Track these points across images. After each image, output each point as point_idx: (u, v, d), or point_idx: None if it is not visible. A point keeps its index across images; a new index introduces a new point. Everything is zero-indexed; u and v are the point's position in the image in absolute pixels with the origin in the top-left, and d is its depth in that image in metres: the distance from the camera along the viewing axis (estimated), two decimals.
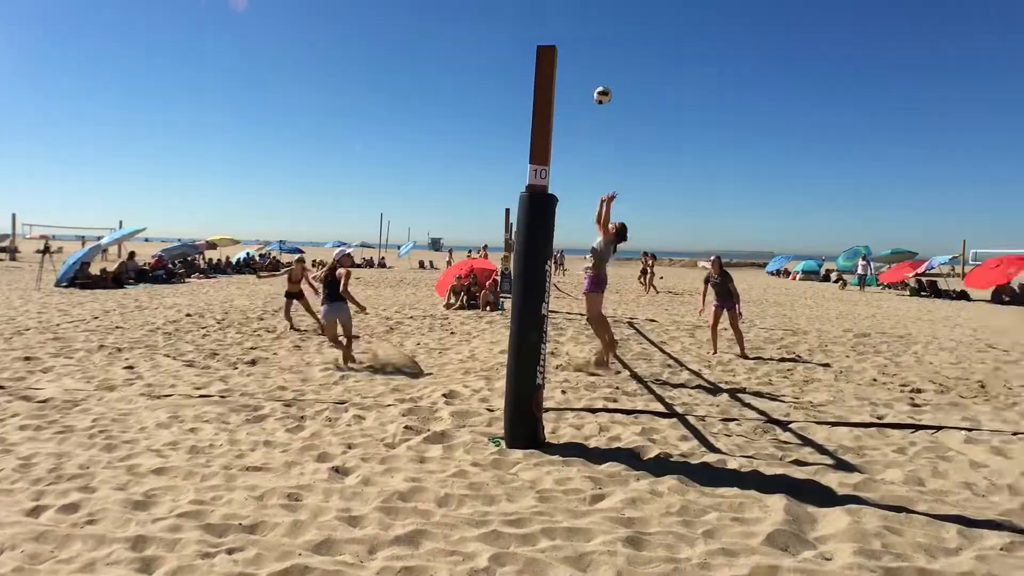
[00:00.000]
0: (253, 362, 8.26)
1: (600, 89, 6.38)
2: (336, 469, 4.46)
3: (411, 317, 13.67)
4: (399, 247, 54.02)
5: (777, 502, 4.06)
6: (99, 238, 29.66)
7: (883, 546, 3.53)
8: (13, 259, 34.83)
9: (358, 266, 39.66)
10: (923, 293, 26.37)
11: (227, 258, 32.51)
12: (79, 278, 18.76)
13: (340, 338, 8.32)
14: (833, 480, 4.53)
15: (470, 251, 24.65)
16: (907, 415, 6.48)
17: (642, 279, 25.15)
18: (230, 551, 3.29)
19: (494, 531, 3.59)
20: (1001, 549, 3.56)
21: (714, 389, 7.50)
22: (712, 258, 10.43)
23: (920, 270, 28.43)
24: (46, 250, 22.54)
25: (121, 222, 38.66)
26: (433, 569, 3.19)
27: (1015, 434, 5.88)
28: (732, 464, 4.82)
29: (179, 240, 33.15)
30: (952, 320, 16.77)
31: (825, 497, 4.23)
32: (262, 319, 12.53)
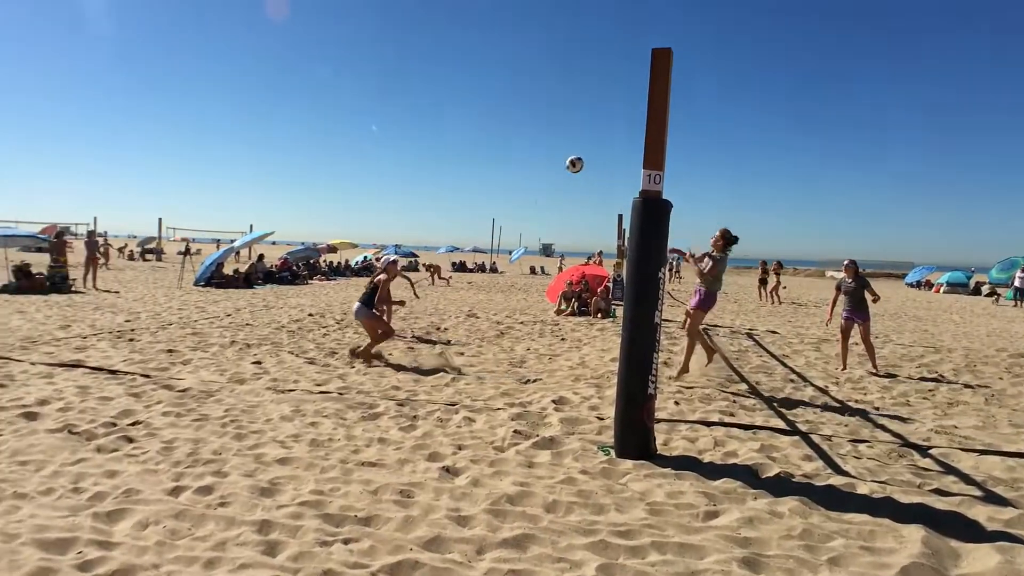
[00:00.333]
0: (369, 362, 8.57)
1: (571, 160, 6.45)
2: (447, 469, 4.52)
3: (521, 322, 13.76)
4: (510, 252, 54.69)
5: (914, 533, 3.71)
6: (232, 241, 31.95)
7: None
8: (159, 260, 38.33)
9: (471, 271, 40.60)
10: None
11: (346, 261, 34.17)
12: (214, 278, 20.32)
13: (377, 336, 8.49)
14: (981, 513, 4.08)
15: (589, 258, 24.56)
16: None
17: (761, 288, 24.11)
18: (346, 541, 3.40)
19: (602, 541, 3.50)
20: None
21: (842, 407, 7.02)
22: (846, 262, 9.54)
23: None
24: (187, 252, 24.63)
25: (252, 226, 41.39)
26: (540, 574, 3.15)
27: None
28: (862, 489, 4.46)
29: (302, 244, 35.16)
30: None
31: (971, 531, 3.82)
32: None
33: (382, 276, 8.84)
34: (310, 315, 13.48)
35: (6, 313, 11.86)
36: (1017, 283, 26.38)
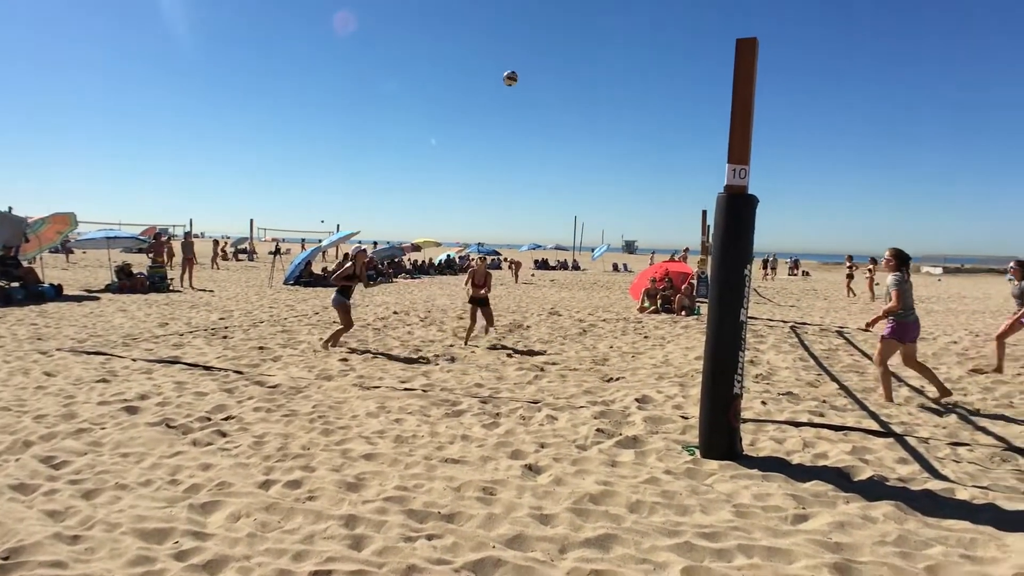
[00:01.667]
0: (452, 359, 8.75)
1: (507, 73, 6.38)
2: (529, 467, 4.57)
3: (604, 320, 13.68)
4: (592, 250, 54.39)
5: (1019, 542, 3.52)
6: (319, 241, 33.17)
7: None
8: (251, 260, 40.21)
9: (553, 268, 40.65)
10: None
11: (430, 260, 34.89)
12: (303, 277, 21.14)
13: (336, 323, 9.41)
14: None
15: (674, 255, 24.24)
16: None
17: (849, 284, 23.20)
18: (429, 537, 3.49)
19: (687, 542, 3.46)
20: None
21: (941, 409, 6.65)
22: (1011, 265, 8.62)
23: None
24: (277, 251, 25.74)
25: (339, 225, 42.76)
26: (623, 574, 3.15)
27: None
28: (962, 494, 4.24)
29: (387, 243, 36.09)
30: None
31: None
32: (462, 318, 13.20)
33: (349, 265, 9.57)
34: (395, 313, 13.87)
35: (110, 312, 12.77)
36: None
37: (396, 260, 30.48)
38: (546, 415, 5.94)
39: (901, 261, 6.61)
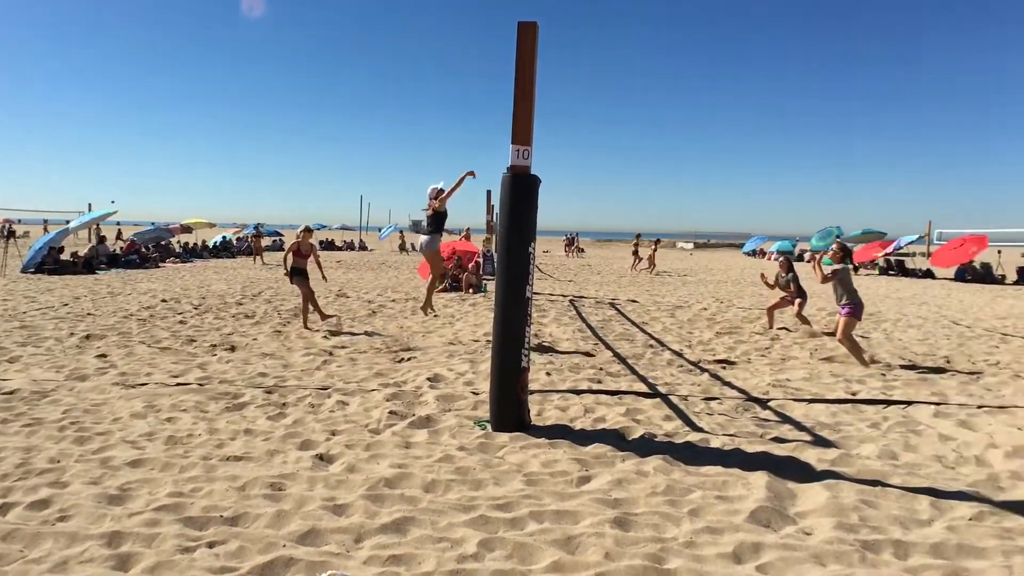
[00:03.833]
0: (232, 348, 8.11)
1: None
2: (320, 457, 4.38)
3: (393, 300, 13.55)
4: (380, 229, 53.55)
5: (759, 479, 4.09)
6: (67, 222, 29.03)
7: (860, 520, 3.61)
8: None
9: (339, 249, 39.38)
10: (891, 272, 27.18)
11: (203, 242, 32.04)
12: (47, 263, 18.31)
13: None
14: (812, 456, 4.61)
15: (459, 234, 24.68)
16: (879, 391, 6.60)
17: (635, 260, 25.89)
18: (211, 544, 3.19)
19: (482, 516, 3.55)
20: (970, 519, 3.65)
21: (696, 369, 7.53)
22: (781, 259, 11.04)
23: (888, 250, 29.09)
24: (10, 235, 21.96)
25: (90, 205, 37.70)
26: (421, 556, 3.14)
27: (980, 407, 6.02)
28: (715, 443, 4.85)
29: (152, 224, 32.47)
30: (919, 298, 17.17)
31: (804, 473, 4.29)
32: (241, 304, 12.33)
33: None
34: (163, 301, 12.50)
35: None
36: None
37: (163, 243, 27.59)
38: (336, 401, 5.74)
39: (845, 253, 7.90)
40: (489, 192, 21.36)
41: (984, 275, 23.71)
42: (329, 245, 41.02)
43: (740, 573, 3.10)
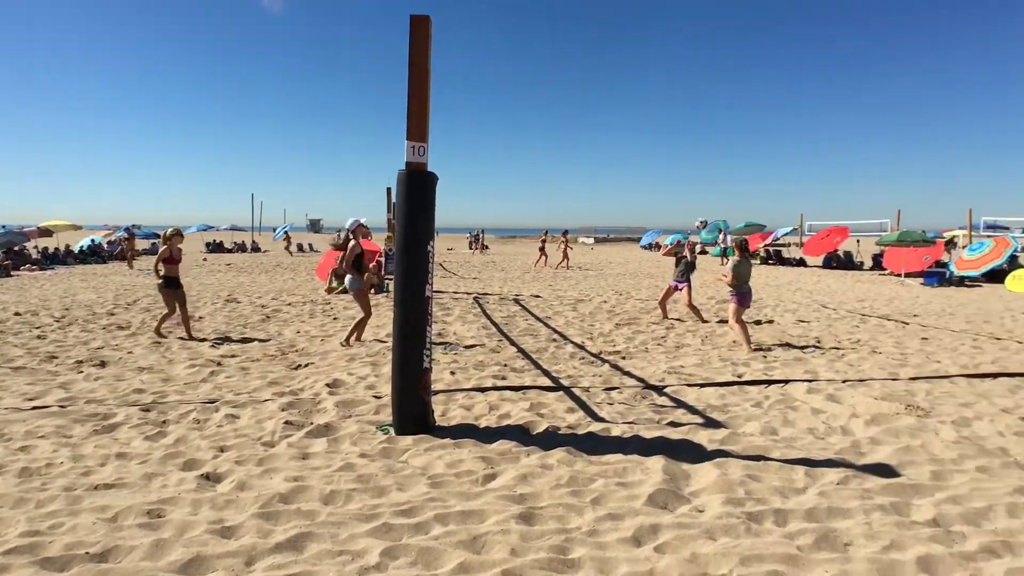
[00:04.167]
0: (102, 363, 7.39)
1: None
2: (206, 476, 4.06)
3: (289, 304, 12.95)
4: (274, 229, 51.37)
5: (656, 463, 4.24)
6: None
7: (746, 493, 3.83)
8: None
9: (229, 251, 37.42)
10: (770, 261, 29.35)
11: (67, 247, 29.43)
12: None
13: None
14: (703, 437, 4.84)
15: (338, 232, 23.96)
16: (761, 372, 7.06)
17: (542, 255, 26.10)
18: None
19: (384, 524, 3.42)
20: (837, 484, 4.01)
21: (597, 360, 7.65)
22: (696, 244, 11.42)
23: (768, 241, 31.88)
24: None
25: None
26: (320, 573, 2.97)
27: (844, 382, 6.62)
28: (616, 431, 4.95)
29: (2, 227, 29.37)
30: (794, 284, 18.56)
31: (697, 454, 4.51)
32: (113, 314, 11.31)
33: (354, 244, 8.59)
34: (17, 314, 11.13)
35: None
36: (720, 243, 31.60)
37: (18, 248, 24.94)
38: (225, 415, 5.36)
39: (743, 250, 8.62)
40: (389, 189, 20.97)
41: (847, 262, 26.25)
42: (218, 247, 38.91)
43: (640, 555, 3.18)
